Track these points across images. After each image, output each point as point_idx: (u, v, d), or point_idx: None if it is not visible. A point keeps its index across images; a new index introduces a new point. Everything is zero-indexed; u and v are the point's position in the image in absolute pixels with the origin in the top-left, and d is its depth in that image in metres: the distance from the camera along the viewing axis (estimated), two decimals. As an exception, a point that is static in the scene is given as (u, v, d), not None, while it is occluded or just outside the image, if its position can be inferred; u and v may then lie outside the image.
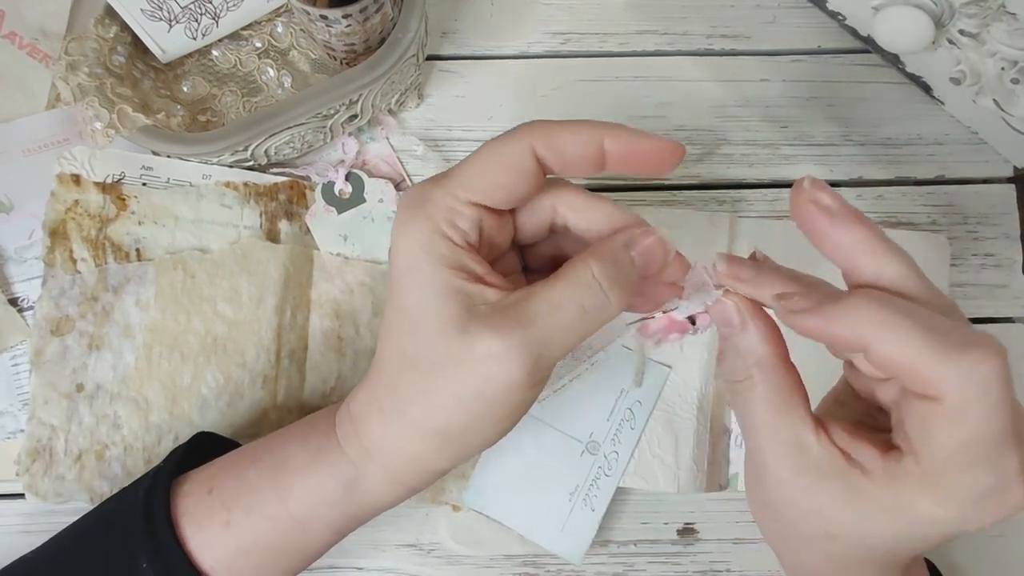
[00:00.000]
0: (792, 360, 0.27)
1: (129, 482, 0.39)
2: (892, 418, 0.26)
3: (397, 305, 0.28)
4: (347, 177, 0.42)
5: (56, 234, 0.40)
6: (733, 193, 0.44)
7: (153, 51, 0.41)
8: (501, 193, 0.27)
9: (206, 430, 0.39)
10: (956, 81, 0.40)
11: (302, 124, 0.39)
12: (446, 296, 0.26)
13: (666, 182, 0.44)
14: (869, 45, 0.44)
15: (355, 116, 0.41)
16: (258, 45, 0.43)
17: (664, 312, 0.29)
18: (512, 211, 0.29)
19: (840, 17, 0.43)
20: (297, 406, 0.41)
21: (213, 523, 0.30)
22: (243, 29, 0.43)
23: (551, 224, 0.30)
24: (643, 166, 0.28)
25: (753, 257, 0.28)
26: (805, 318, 0.25)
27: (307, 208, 0.42)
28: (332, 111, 0.39)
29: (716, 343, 0.41)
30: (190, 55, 0.43)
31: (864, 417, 0.28)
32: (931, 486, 0.24)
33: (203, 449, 0.35)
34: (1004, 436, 0.23)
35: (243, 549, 0.30)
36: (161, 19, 0.40)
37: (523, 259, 0.32)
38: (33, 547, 0.40)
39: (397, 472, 0.29)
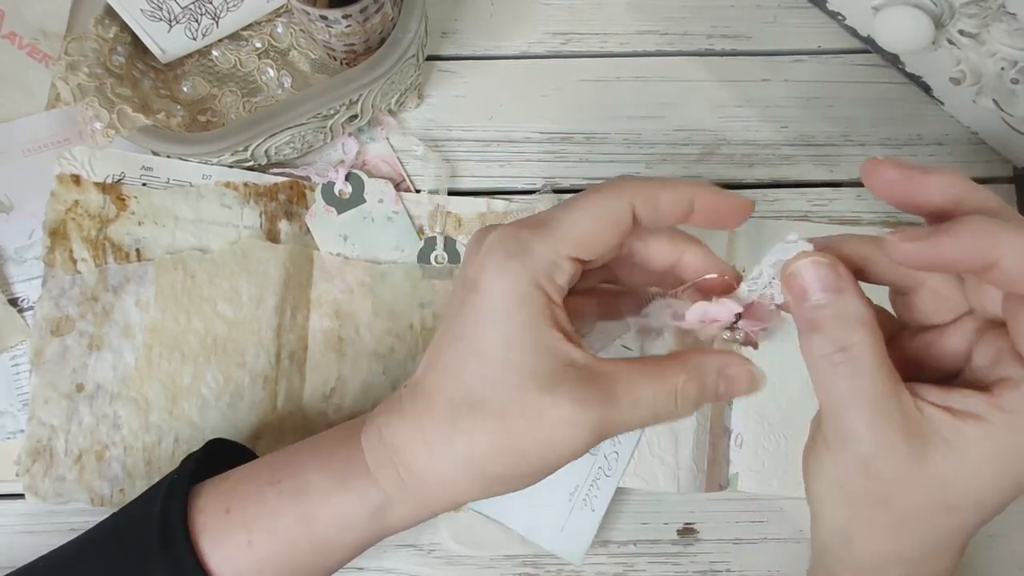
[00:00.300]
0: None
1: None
2: (979, 359, 0.26)
3: (472, 344, 0.27)
4: (347, 177, 0.42)
5: (56, 234, 0.40)
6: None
7: (153, 51, 0.41)
8: (599, 248, 0.28)
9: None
10: (956, 81, 0.40)
11: (302, 124, 0.39)
12: (538, 351, 0.27)
13: (666, 182, 0.44)
14: (869, 45, 0.44)
15: (355, 116, 0.41)
16: (258, 45, 0.43)
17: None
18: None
19: (840, 17, 0.43)
20: (297, 407, 0.41)
21: (232, 543, 0.30)
22: (243, 29, 0.43)
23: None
24: (721, 222, 0.29)
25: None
26: (926, 245, 0.23)
27: (307, 208, 0.42)
28: (332, 111, 0.39)
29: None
30: (190, 55, 0.43)
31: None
32: None
33: (216, 456, 0.35)
34: None
35: (263, 569, 0.30)
36: (161, 19, 0.40)
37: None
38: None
39: (431, 501, 0.29)
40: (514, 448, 0.27)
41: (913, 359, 0.29)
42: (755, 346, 0.29)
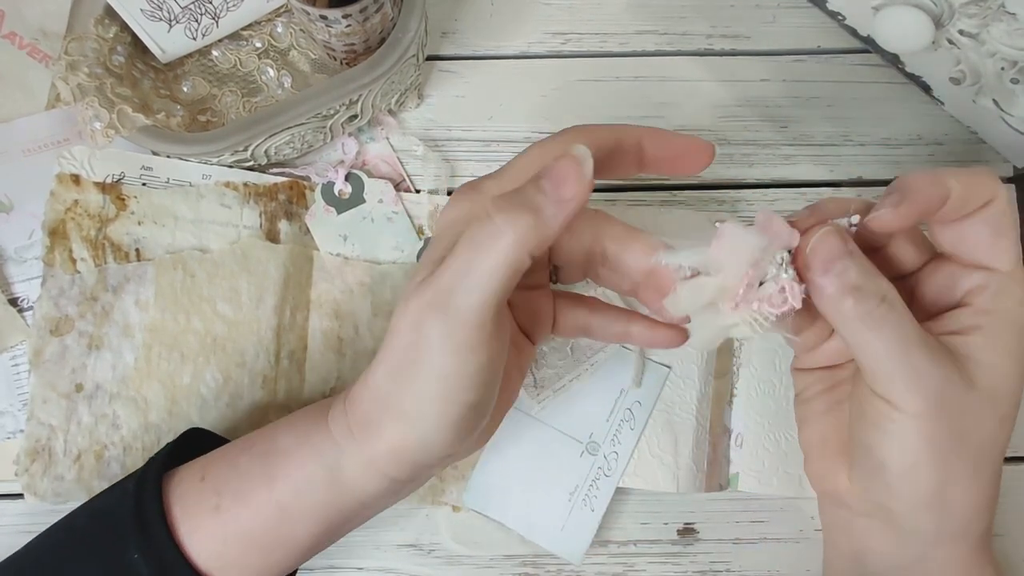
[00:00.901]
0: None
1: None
2: (932, 291, 0.30)
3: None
4: (347, 177, 0.42)
5: (55, 234, 0.40)
6: (733, 193, 0.44)
7: (153, 51, 0.41)
8: None
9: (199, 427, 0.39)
10: (956, 81, 0.40)
11: (302, 124, 0.39)
12: (429, 269, 0.27)
13: (666, 182, 0.44)
14: (869, 45, 0.44)
15: (355, 116, 0.41)
16: (258, 45, 0.43)
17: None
18: None
19: (840, 17, 0.43)
20: (297, 407, 0.41)
21: (202, 508, 0.30)
22: (243, 29, 0.43)
23: (589, 251, 0.30)
24: (679, 165, 0.30)
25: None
26: (908, 205, 0.27)
27: (307, 208, 0.42)
28: (332, 111, 0.39)
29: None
30: (190, 55, 0.43)
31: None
32: (1019, 280, 0.28)
33: (195, 445, 0.35)
34: None
35: (230, 538, 0.30)
36: (161, 19, 0.40)
37: (556, 277, 0.32)
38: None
39: (376, 456, 0.29)
40: (414, 378, 0.27)
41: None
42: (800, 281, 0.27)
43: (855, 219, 0.28)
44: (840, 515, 0.32)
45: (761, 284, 0.27)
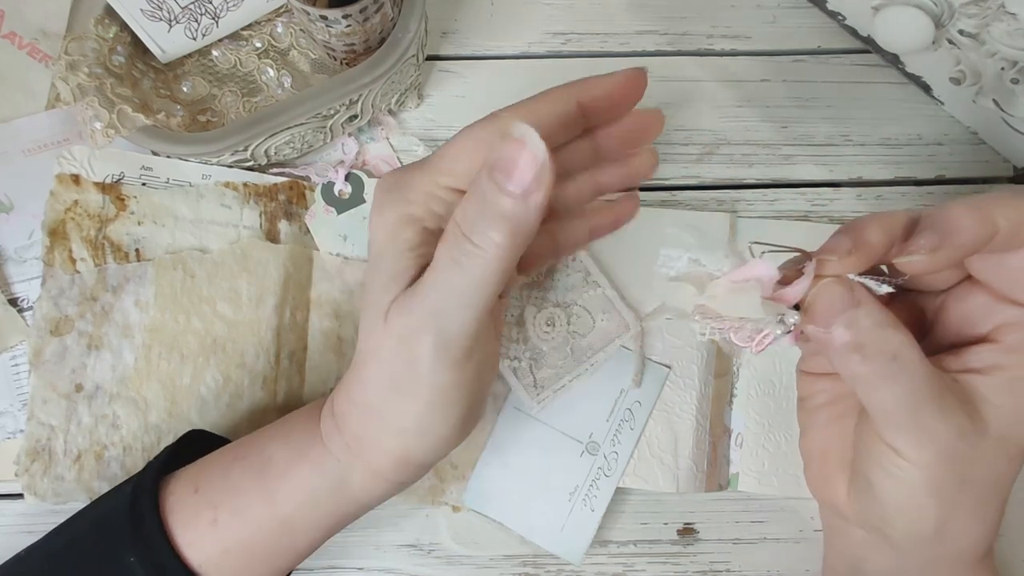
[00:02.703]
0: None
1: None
2: (956, 317, 0.28)
3: (368, 288, 0.28)
4: (347, 177, 0.42)
5: (55, 234, 0.40)
6: (733, 193, 0.44)
7: (153, 51, 0.41)
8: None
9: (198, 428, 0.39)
10: (956, 81, 0.40)
11: (302, 124, 0.39)
12: (400, 283, 0.26)
13: (666, 182, 0.44)
14: (869, 45, 0.44)
15: (355, 116, 0.41)
16: (258, 45, 0.43)
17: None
18: None
19: (840, 17, 0.43)
20: (297, 407, 0.41)
21: (200, 521, 0.30)
22: (243, 29, 0.43)
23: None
24: (623, 106, 0.28)
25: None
26: (951, 247, 0.25)
27: (307, 208, 0.42)
28: (332, 111, 0.39)
29: (708, 343, 0.41)
30: (190, 55, 0.43)
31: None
32: None
33: (194, 447, 0.35)
34: None
35: (230, 549, 0.30)
36: (161, 19, 0.40)
37: None
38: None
39: (381, 468, 0.29)
40: (391, 389, 0.27)
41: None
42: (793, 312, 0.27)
43: (883, 288, 0.26)
44: (838, 523, 0.32)
45: (758, 329, 0.27)
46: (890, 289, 0.26)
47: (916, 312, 0.31)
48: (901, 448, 0.26)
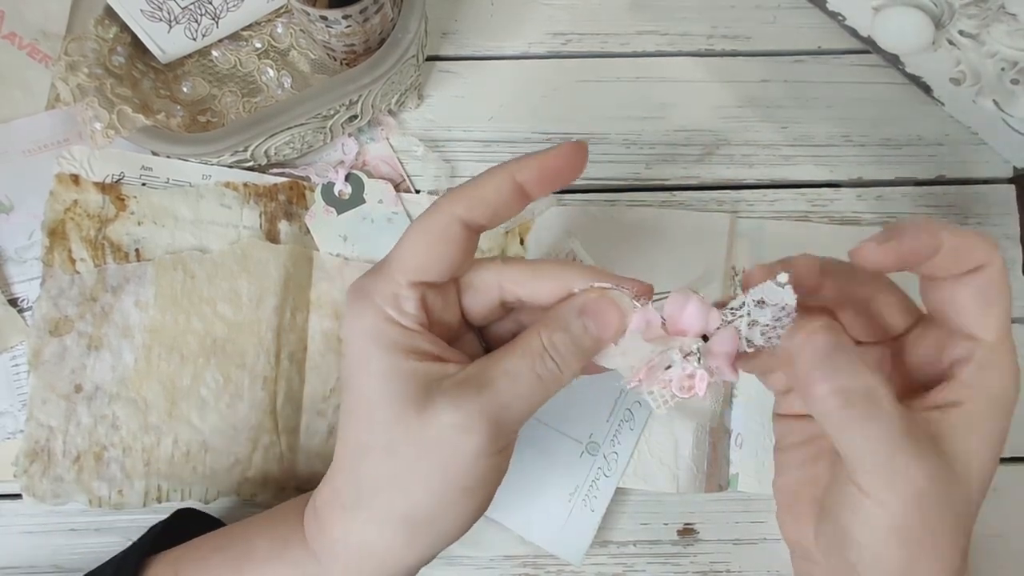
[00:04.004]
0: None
1: (127, 483, 0.39)
2: (919, 357, 0.29)
3: (353, 396, 0.28)
4: (347, 178, 0.42)
5: (55, 234, 0.40)
6: (733, 193, 0.44)
7: (153, 52, 0.41)
8: (437, 266, 0.28)
9: (212, 435, 0.39)
10: (956, 82, 0.40)
11: (302, 124, 0.39)
12: (402, 380, 0.27)
13: (666, 182, 0.44)
14: (869, 45, 0.44)
15: (355, 116, 0.41)
16: (258, 46, 0.43)
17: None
18: (456, 288, 0.29)
19: (840, 17, 0.43)
20: (297, 407, 0.41)
21: None
22: (243, 30, 0.43)
23: (501, 302, 0.30)
24: (562, 179, 0.29)
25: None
26: (894, 244, 0.26)
27: (307, 209, 0.42)
28: (332, 111, 0.39)
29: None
30: (190, 56, 0.43)
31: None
32: (1004, 352, 0.27)
33: (183, 527, 0.35)
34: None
35: None
36: (161, 20, 0.40)
37: (485, 341, 0.32)
38: (32, 548, 0.40)
39: (362, 570, 0.28)
40: (414, 478, 0.26)
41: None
42: (710, 373, 0.28)
43: (783, 278, 0.26)
44: (806, 566, 0.31)
45: (668, 368, 0.28)
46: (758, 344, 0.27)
47: (881, 358, 0.31)
48: (872, 491, 0.26)
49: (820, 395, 0.26)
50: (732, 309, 0.27)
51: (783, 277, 0.26)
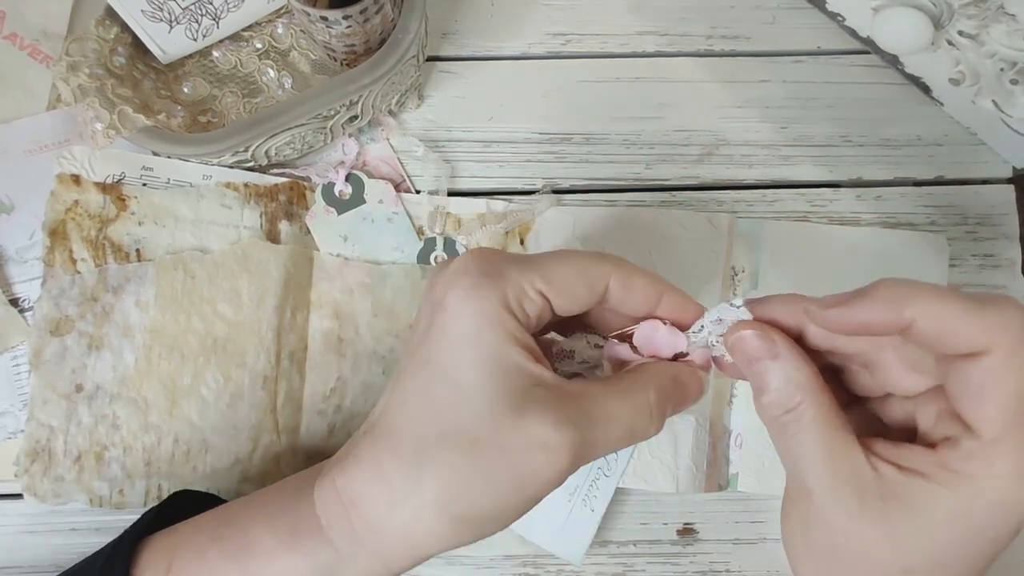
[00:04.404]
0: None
1: (128, 483, 0.39)
2: (923, 422, 0.25)
3: (441, 369, 0.26)
4: (347, 178, 0.42)
5: (56, 234, 0.40)
6: (733, 194, 0.44)
7: (154, 52, 0.41)
8: (569, 300, 0.27)
9: (212, 435, 0.38)
10: (955, 82, 0.40)
11: (302, 125, 0.39)
12: (509, 373, 0.25)
13: (666, 182, 0.44)
14: (869, 46, 0.44)
15: (355, 117, 0.41)
16: (258, 46, 0.43)
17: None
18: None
19: (840, 18, 0.43)
20: (297, 407, 0.41)
21: None
22: (244, 30, 0.43)
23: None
24: (678, 322, 0.30)
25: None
26: (843, 310, 0.24)
27: (307, 209, 0.42)
28: (332, 112, 0.39)
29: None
30: (191, 56, 0.43)
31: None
32: (999, 455, 0.23)
33: (181, 507, 0.33)
34: None
35: None
36: (162, 20, 0.40)
37: None
38: (33, 547, 0.40)
39: (391, 557, 0.27)
40: (487, 481, 0.25)
41: (875, 417, 0.29)
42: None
43: (737, 301, 0.28)
44: None
45: None
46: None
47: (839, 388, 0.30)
48: (790, 491, 0.27)
49: (755, 403, 0.27)
50: (694, 332, 0.29)
51: (737, 301, 0.27)
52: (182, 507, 0.34)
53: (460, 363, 0.26)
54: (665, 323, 0.29)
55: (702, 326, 0.29)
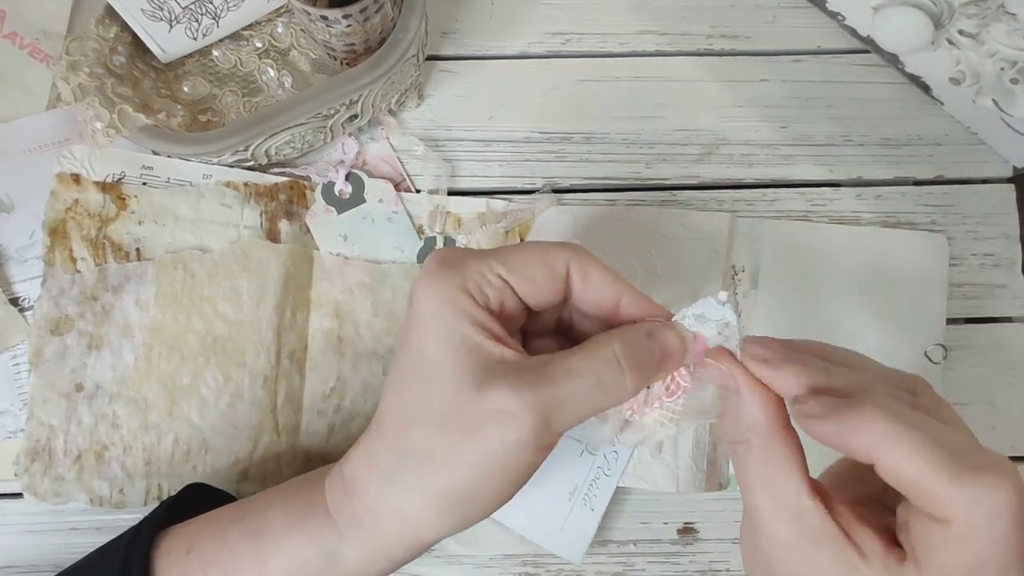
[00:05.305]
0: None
1: (128, 482, 0.39)
2: (899, 516, 0.25)
3: (411, 358, 0.28)
4: (347, 177, 0.42)
5: (56, 233, 0.40)
6: (733, 193, 0.44)
7: (154, 51, 0.41)
8: (529, 284, 0.28)
9: (212, 435, 0.38)
10: (955, 81, 0.40)
11: (302, 124, 0.39)
12: (468, 351, 0.27)
13: (666, 182, 0.44)
14: (869, 45, 0.44)
15: (355, 116, 0.41)
16: (258, 45, 0.43)
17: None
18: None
19: (840, 17, 0.43)
20: (297, 407, 0.41)
21: None
22: (243, 29, 0.43)
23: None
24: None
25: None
26: (817, 424, 0.25)
27: (307, 208, 0.42)
28: (332, 111, 0.39)
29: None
30: (191, 55, 0.43)
31: (866, 498, 0.28)
32: None
33: (194, 500, 0.35)
34: (1009, 565, 0.22)
35: None
36: (161, 19, 0.40)
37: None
38: (33, 547, 0.40)
39: (385, 541, 0.28)
40: (460, 455, 0.26)
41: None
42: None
43: (723, 296, 0.28)
44: None
45: (648, 387, 0.29)
46: None
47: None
48: (744, 504, 0.28)
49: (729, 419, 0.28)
50: (676, 321, 0.29)
51: (723, 295, 0.28)
52: (196, 500, 0.35)
53: (425, 341, 0.27)
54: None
55: (684, 315, 0.29)
